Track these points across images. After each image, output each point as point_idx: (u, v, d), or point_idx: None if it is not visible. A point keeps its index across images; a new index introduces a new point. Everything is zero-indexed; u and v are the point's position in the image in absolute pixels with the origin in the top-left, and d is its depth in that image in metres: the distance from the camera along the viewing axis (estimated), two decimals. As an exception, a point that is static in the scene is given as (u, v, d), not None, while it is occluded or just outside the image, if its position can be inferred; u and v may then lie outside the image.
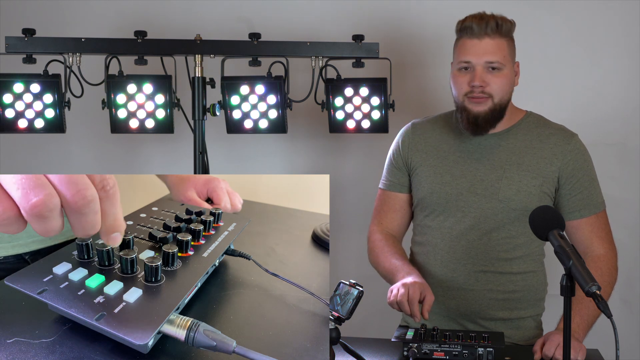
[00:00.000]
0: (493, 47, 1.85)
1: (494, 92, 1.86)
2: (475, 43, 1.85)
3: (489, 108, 1.88)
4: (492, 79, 1.86)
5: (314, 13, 2.75)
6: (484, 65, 1.85)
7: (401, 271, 1.88)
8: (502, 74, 1.86)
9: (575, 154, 1.91)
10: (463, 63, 1.87)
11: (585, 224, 1.91)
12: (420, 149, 2.02)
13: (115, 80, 2.28)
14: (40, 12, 2.81)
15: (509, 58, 1.87)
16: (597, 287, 1.33)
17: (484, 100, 1.87)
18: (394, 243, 2.03)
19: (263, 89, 2.29)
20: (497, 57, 1.85)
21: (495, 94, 1.87)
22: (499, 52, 1.85)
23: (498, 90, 1.87)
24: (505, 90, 1.89)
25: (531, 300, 1.97)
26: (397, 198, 2.06)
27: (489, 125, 1.90)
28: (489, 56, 1.84)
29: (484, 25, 1.84)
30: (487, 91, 1.86)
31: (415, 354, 1.65)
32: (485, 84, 1.85)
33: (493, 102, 1.87)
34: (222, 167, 2.73)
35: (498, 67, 1.85)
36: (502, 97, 1.88)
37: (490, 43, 1.85)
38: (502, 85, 1.87)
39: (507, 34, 1.87)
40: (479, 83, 1.85)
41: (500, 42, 1.86)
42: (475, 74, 1.85)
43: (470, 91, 1.87)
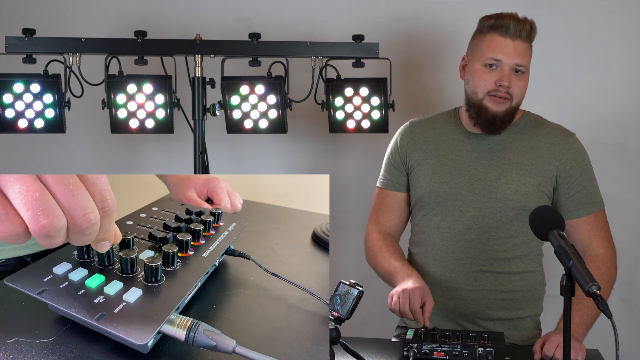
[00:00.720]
0: (523, 50, 1.86)
1: (515, 95, 1.88)
2: (508, 42, 1.85)
3: (507, 109, 1.89)
4: (517, 81, 1.87)
5: (314, 13, 2.74)
6: (512, 66, 1.86)
7: (400, 272, 1.88)
8: (524, 77, 1.89)
9: (573, 153, 1.91)
10: (492, 60, 1.86)
11: (584, 223, 1.91)
12: (419, 147, 2.02)
13: (115, 80, 2.28)
14: (40, 12, 2.81)
15: (529, 63, 1.90)
16: (597, 287, 1.33)
17: (505, 101, 1.88)
18: (392, 242, 2.03)
19: (263, 89, 2.29)
20: (525, 61, 1.87)
21: (516, 96, 1.89)
22: (527, 57, 1.87)
23: (518, 93, 1.89)
24: (523, 94, 1.91)
25: (530, 300, 1.97)
26: (395, 197, 2.06)
27: (504, 125, 1.91)
28: (520, 59, 1.85)
29: (521, 27, 1.85)
30: (510, 92, 1.87)
31: (415, 354, 1.65)
32: (511, 85, 1.87)
33: (511, 104, 1.89)
34: (222, 167, 2.73)
35: (523, 70, 1.87)
36: (519, 100, 1.91)
37: (522, 46, 1.86)
38: (523, 88, 1.90)
39: (532, 41, 1.90)
40: (507, 83, 1.86)
41: (529, 47, 1.88)
42: (504, 73, 1.85)
43: (495, 90, 1.87)
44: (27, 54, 2.27)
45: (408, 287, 1.77)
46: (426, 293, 1.77)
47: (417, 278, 1.83)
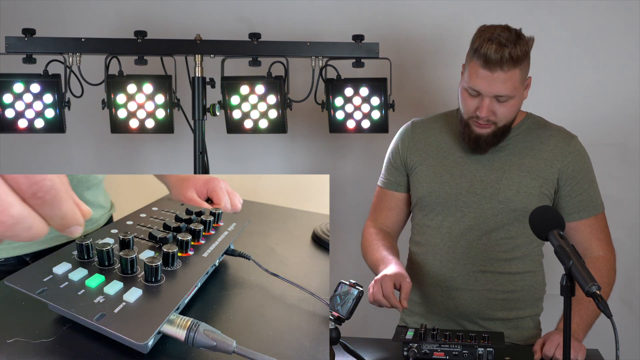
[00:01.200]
0: (505, 81, 1.79)
1: (499, 120, 1.86)
2: (487, 75, 1.79)
3: (492, 131, 1.87)
4: (499, 108, 1.83)
5: (314, 13, 2.74)
6: (491, 97, 1.82)
7: (382, 263, 1.88)
8: (509, 102, 1.83)
9: (575, 155, 1.91)
10: (472, 90, 1.83)
11: (584, 226, 1.91)
12: (420, 148, 2.02)
13: (115, 80, 2.28)
14: (40, 12, 2.81)
15: (520, 85, 1.83)
16: (597, 287, 1.33)
17: (487, 125, 1.86)
18: (384, 236, 2.03)
19: (263, 89, 2.29)
20: (507, 91, 1.80)
21: (500, 120, 1.86)
22: (509, 85, 1.80)
23: (503, 118, 1.86)
24: (511, 115, 1.87)
25: (530, 300, 1.97)
26: (393, 197, 2.06)
27: (489, 146, 1.90)
28: (500, 90, 1.80)
29: (499, 57, 1.76)
30: (492, 119, 1.85)
31: (415, 354, 1.65)
32: (492, 114, 1.84)
33: (497, 127, 1.87)
34: (222, 167, 2.73)
35: (505, 100, 1.82)
36: (507, 121, 1.88)
37: (501, 77, 1.78)
38: (509, 112, 1.85)
39: (522, 60, 1.81)
40: (485, 115, 1.83)
41: (513, 73, 1.79)
42: (483, 105, 1.82)
43: (476, 117, 1.85)
44: (27, 54, 2.27)
45: (379, 277, 1.77)
46: (400, 277, 1.76)
47: (395, 265, 1.82)
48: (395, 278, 1.76)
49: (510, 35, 1.79)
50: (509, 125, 1.90)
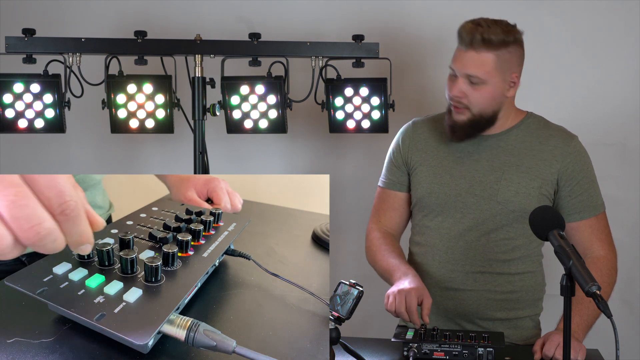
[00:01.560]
0: (476, 61, 1.81)
1: (472, 105, 1.86)
2: (462, 53, 1.83)
3: (468, 118, 1.88)
4: (472, 92, 1.84)
5: (314, 13, 2.74)
6: (464, 77, 1.84)
7: (398, 271, 1.88)
8: (482, 88, 1.83)
9: (575, 156, 1.91)
10: (451, 69, 1.88)
11: (585, 226, 1.91)
12: (420, 148, 2.02)
13: (115, 80, 2.28)
14: (40, 12, 2.81)
15: (495, 72, 1.82)
16: (597, 287, 1.33)
17: (462, 111, 1.87)
18: (392, 241, 2.03)
19: (263, 89, 2.29)
20: (477, 72, 1.81)
21: (473, 106, 1.86)
22: (480, 67, 1.81)
23: (476, 103, 1.85)
24: (486, 104, 1.86)
25: (529, 301, 1.97)
26: (396, 197, 2.06)
27: (464, 134, 1.90)
28: (470, 69, 1.82)
29: (471, 36, 1.80)
30: (464, 102, 1.86)
31: (415, 354, 1.65)
32: (464, 96, 1.85)
33: (472, 113, 1.87)
34: (222, 167, 2.73)
35: (477, 82, 1.83)
36: (483, 110, 1.87)
37: (473, 57, 1.81)
38: (482, 99, 1.85)
39: (498, 46, 1.81)
40: (457, 93, 1.85)
41: (486, 56, 1.80)
42: (456, 84, 1.86)
43: (451, 97, 1.88)
44: (27, 54, 2.27)
45: (404, 287, 1.77)
46: (423, 292, 1.77)
47: (414, 277, 1.83)
48: (418, 292, 1.75)
49: (490, 21, 1.83)
50: (488, 117, 1.89)
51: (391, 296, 1.78)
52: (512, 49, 1.84)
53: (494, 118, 1.90)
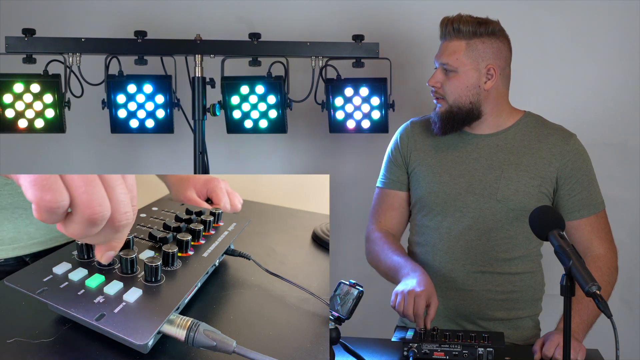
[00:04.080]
0: (448, 49, 1.90)
1: (447, 94, 1.91)
2: (440, 45, 1.93)
3: (445, 109, 1.92)
4: (446, 80, 1.90)
5: (314, 13, 2.74)
6: (440, 66, 1.91)
7: (405, 267, 1.84)
8: (455, 76, 1.89)
9: (574, 154, 1.91)
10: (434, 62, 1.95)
11: (584, 224, 1.91)
12: (419, 147, 2.02)
13: (115, 80, 2.28)
14: (40, 12, 2.81)
15: (466, 61, 1.87)
16: (597, 287, 1.33)
17: (441, 102, 1.93)
18: (394, 241, 2.02)
19: (263, 89, 2.29)
20: (449, 60, 1.88)
21: (448, 95, 1.90)
22: (452, 55, 1.88)
23: (449, 93, 1.90)
24: (459, 93, 1.89)
25: (529, 301, 1.97)
26: (396, 196, 2.06)
27: (444, 125, 1.93)
28: (443, 58, 1.90)
29: (444, 28, 1.91)
30: (439, 92, 1.92)
31: (415, 354, 1.65)
32: (439, 86, 1.91)
33: (448, 104, 1.91)
34: (222, 167, 2.73)
35: (449, 69, 1.89)
36: (457, 100, 1.90)
37: (447, 45, 1.90)
38: (455, 87, 1.89)
39: (469, 35, 1.88)
40: (432, 84, 1.92)
41: (458, 44, 1.88)
42: (433, 75, 1.92)
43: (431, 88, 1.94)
44: (27, 54, 2.27)
45: (414, 289, 1.73)
46: (432, 295, 1.74)
47: (422, 274, 1.79)
48: (427, 295, 1.73)
49: (468, 15, 1.92)
50: (467, 110, 1.91)
51: (399, 296, 1.74)
52: (485, 40, 1.89)
53: (475, 111, 1.91)
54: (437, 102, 1.94)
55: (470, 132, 1.97)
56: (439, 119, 1.93)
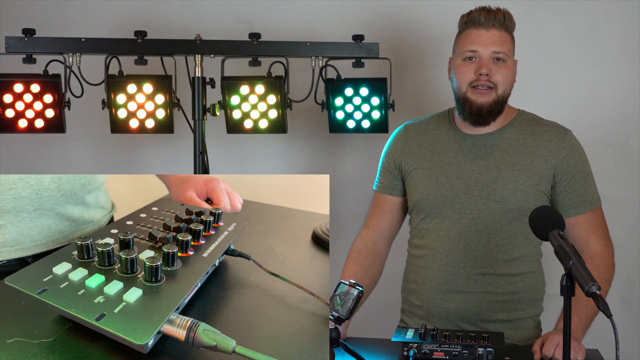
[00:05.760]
0: (500, 38, 1.88)
1: (499, 83, 1.88)
2: (483, 33, 1.88)
3: (493, 99, 1.89)
4: (498, 69, 1.88)
5: (314, 13, 2.74)
6: (490, 55, 1.87)
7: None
8: (506, 65, 1.89)
9: (569, 150, 1.91)
10: (469, 52, 1.88)
11: (581, 221, 1.91)
12: (414, 151, 2.01)
13: (115, 80, 2.28)
14: (40, 12, 2.81)
15: (511, 52, 1.91)
16: (597, 287, 1.33)
17: (488, 92, 1.88)
18: (365, 258, 2.03)
19: (263, 89, 2.29)
20: (504, 48, 1.87)
21: (500, 85, 1.88)
22: (505, 44, 1.88)
23: (502, 82, 1.89)
24: (508, 83, 1.91)
25: (530, 301, 1.97)
26: (387, 200, 2.06)
27: (491, 117, 1.91)
28: (496, 46, 1.87)
29: (492, 16, 1.87)
30: (492, 81, 1.88)
31: (415, 354, 1.65)
32: (492, 74, 1.87)
33: (497, 94, 1.89)
34: (222, 167, 2.73)
35: (503, 58, 1.88)
36: (505, 90, 1.90)
37: (497, 34, 1.88)
38: (506, 77, 1.89)
39: (511, 29, 1.91)
40: (486, 71, 1.87)
41: (506, 35, 1.89)
42: (482, 62, 1.87)
43: (475, 80, 1.88)
44: (27, 54, 2.27)
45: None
46: None
47: None
48: None
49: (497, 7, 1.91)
50: (506, 99, 1.92)
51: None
52: (513, 36, 1.93)
53: (505, 104, 1.94)
54: (479, 93, 1.88)
55: (465, 132, 1.97)
56: (486, 111, 1.89)
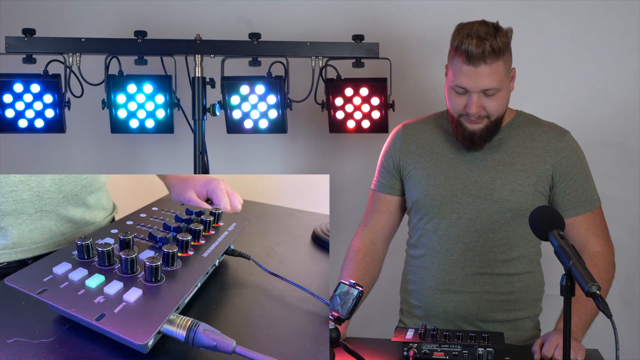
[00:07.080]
0: (489, 73, 1.79)
1: (490, 113, 1.85)
2: (472, 70, 1.79)
3: (485, 126, 1.87)
4: (488, 102, 1.83)
5: (314, 13, 2.74)
6: (479, 91, 1.82)
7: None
8: (498, 95, 1.83)
9: (568, 151, 1.91)
10: (458, 87, 1.83)
11: (580, 222, 1.91)
12: (412, 151, 2.01)
13: (115, 80, 2.28)
14: (40, 12, 2.81)
15: (505, 77, 1.83)
16: (597, 287, 1.33)
17: (480, 121, 1.86)
18: (363, 257, 2.02)
19: (263, 89, 2.29)
20: (493, 83, 1.80)
21: (492, 114, 1.86)
22: (495, 77, 1.80)
23: (494, 111, 1.85)
24: (502, 108, 1.87)
25: (529, 301, 1.97)
26: (385, 200, 2.06)
27: (484, 141, 1.89)
28: (486, 84, 1.80)
29: (481, 51, 1.77)
30: (482, 114, 1.85)
31: (415, 354, 1.65)
32: (482, 109, 1.84)
33: (489, 121, 1.87)
34: (222, 167, 2.73)
35: (493, 93, 1.82)
36: (499, 114, 1.87)
37: (486, 70, 1.79)
38: (499, 104, 1.85)
39: (504, 52, 1.81)
40: (475, 111, 1.83)
41: (497, 65, 1.79)
42: (472, 101, 1.82)
43: (466, 114, 1.85)
44: (27, 54, 2.27)
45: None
46: None
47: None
48: None
49: (489, 29, 1.80)
50: (501, 119, 1.89)
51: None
52: (509, 48, 1.84)
53: (502, 121, 1.91)
54: (470, 121, 1.85)
55: None
56: (479, 138, 1.87)
